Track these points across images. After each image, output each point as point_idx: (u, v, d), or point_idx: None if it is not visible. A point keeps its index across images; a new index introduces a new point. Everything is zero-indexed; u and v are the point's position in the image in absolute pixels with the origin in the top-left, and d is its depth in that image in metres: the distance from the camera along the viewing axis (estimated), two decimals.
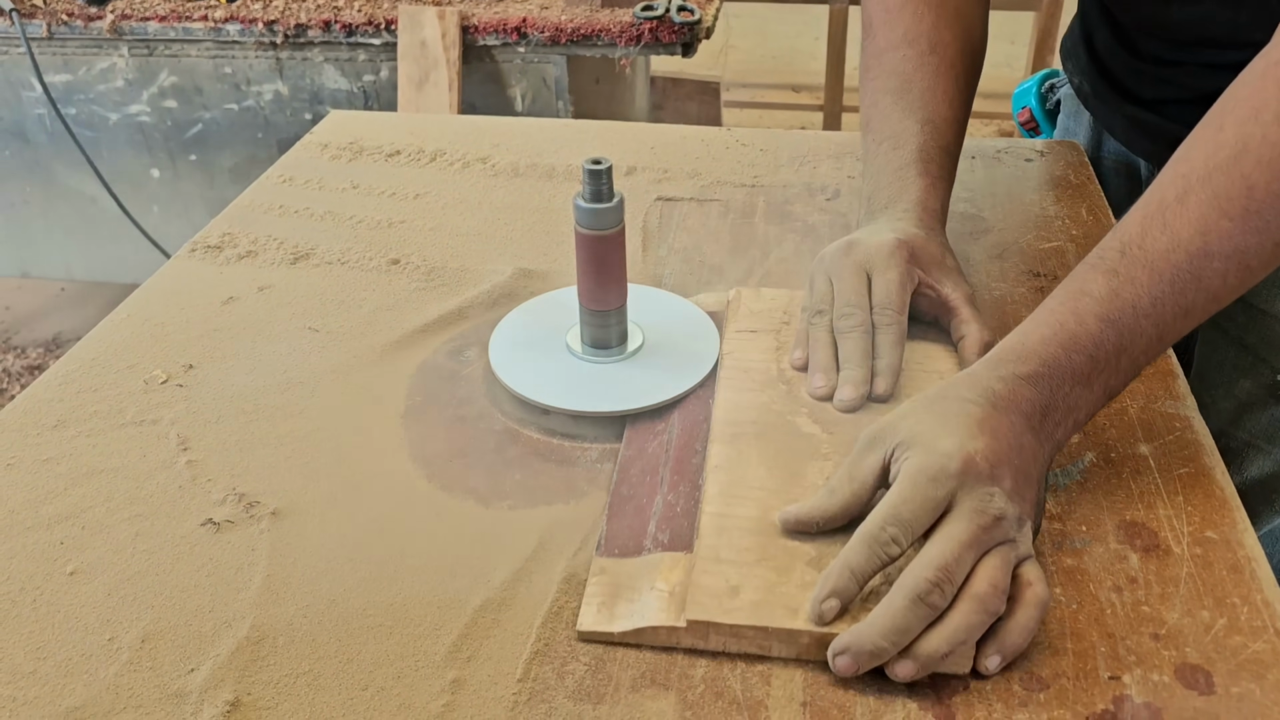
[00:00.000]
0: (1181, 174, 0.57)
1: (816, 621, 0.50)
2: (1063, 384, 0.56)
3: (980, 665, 0.50)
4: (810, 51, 3.69)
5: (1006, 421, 0.54)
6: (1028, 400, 0.55)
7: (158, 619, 0.54)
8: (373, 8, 1.84)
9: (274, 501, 0.61)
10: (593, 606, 0.53)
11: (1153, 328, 0.56)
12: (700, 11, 1.75)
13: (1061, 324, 0.57)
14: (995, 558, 0.50)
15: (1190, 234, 0.56)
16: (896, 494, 0.52)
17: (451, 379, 0.71)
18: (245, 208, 0.93)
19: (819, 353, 0.66)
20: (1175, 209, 0.57)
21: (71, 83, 1.96)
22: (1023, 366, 0.56)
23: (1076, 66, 0.96)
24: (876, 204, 0.75)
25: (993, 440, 0.53)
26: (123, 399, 0.70)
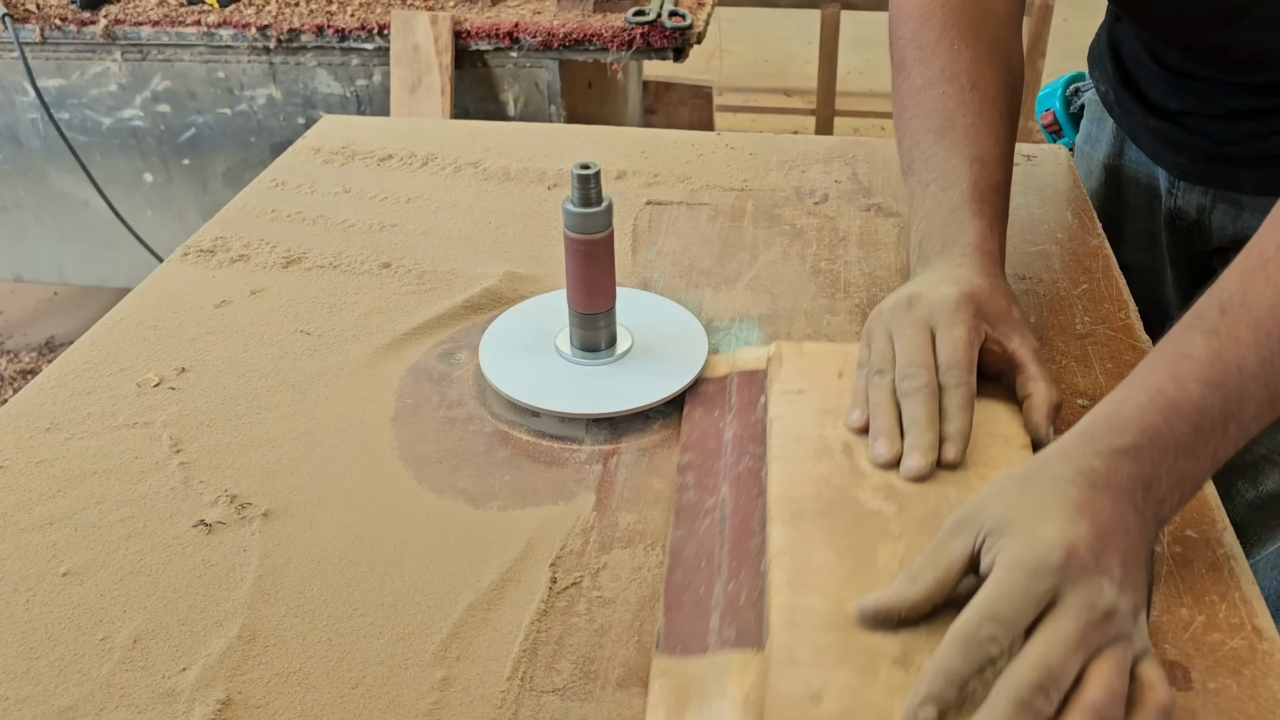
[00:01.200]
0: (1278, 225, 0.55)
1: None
2: (1165, 456, 0.51)
3: None
4: (803, 55, 3.70)
5: (1109, 502, 0.49)
6: (1129, 476, 0.50)
7: (150, 619, 0.54)
8: (365, 12, 1.84)
9: (265, 503, 0.62)
10: (660, 713, 0.48)
11: (1262, 390, 0.52)
12: (692, 16, 1.76)
13: (1160, 390, 0.52)
14: (1109, 660, 0.45)
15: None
16: (993, 588, 0.47)
17: (442, 381, 0.72)
18: (238, 212, 0.94)
19: (881, 416, 0.60)
20: (1278, 261, 0.53)
21: (65, 87, 1.96)
22: (1120, 439, 0.51)
23: (1103, 74, 0.95)
24: (930, 249, 0.70)
25: (1096, 525, 0.48)
26: (115, 402, 0.70)
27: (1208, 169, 0.83)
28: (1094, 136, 1.00)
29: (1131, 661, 0.46)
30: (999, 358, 0.65)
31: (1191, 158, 0.68)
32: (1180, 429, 0.51)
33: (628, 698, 0.50)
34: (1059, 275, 0.82)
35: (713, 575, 0.55)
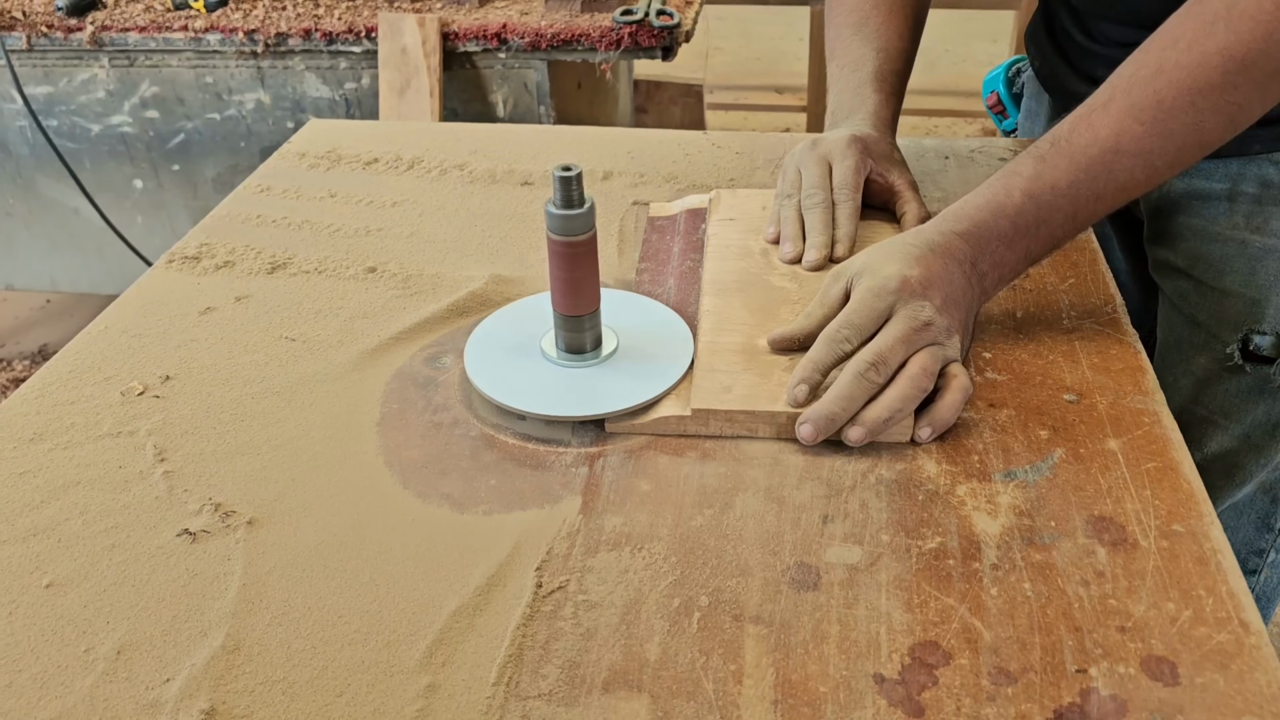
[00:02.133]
0: (1110, 85, 0.68)
1: (791, 404, 0.65)
2: (989, 242, 0.69)
3: (916, 434, 0.64)
4: (794, 53, 3.70)
5: (940, 261, 0.68)
6: (959, 250, 0.68)
7: (133, 630, 0.54)
8: (353, 15, 1.84)
9: (250, 511, 0.61)
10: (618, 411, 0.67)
11: (1068, 205, 0.68)
12: (680, 15, 1.76)
13: (993, 195, 0.70)
14: (925, 353, 0.65)
15: (1107, 134, 0.67)
16: (849, 306, 0.67)
17: (427, 386, 0.72)
18: (223, 218, 0.93)
19: (788, 226, 0.81)
20: (1099, 113, 0.68)
21: (52, 94, 1.95)
22: (958, 225, 0.69)
23: (1038, 50, 1.00)
24: (839, 116, 0.89)
25: (925, 270, 0.67)
26: (100, 411, 0.70)
27: None
28: (1034, 112, 1.05)
29: (944, 362, 0.66)
30: (882, 189, 0.85)
31: None
32: (1002, 225, 0.69)
33: (614, 702, 0.50)
34: (1046, 270, 0.82)
35: None
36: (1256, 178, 0.81)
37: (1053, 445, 0.64)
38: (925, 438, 0.64)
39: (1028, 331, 0.75)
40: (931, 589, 0.55)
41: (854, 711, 0.49)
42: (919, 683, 0.50)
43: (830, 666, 0.51)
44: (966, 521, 0.59)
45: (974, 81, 2.88)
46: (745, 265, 0.79)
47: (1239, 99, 0.65)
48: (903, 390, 0.63)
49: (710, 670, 0.51)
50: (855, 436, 0.63)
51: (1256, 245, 0.82)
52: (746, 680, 0.51)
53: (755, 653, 0.52)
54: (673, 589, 0.56)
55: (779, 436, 0.65)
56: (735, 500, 0.61)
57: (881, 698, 0.50)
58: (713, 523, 0.60)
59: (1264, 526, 0.92)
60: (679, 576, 0.56)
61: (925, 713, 0.49)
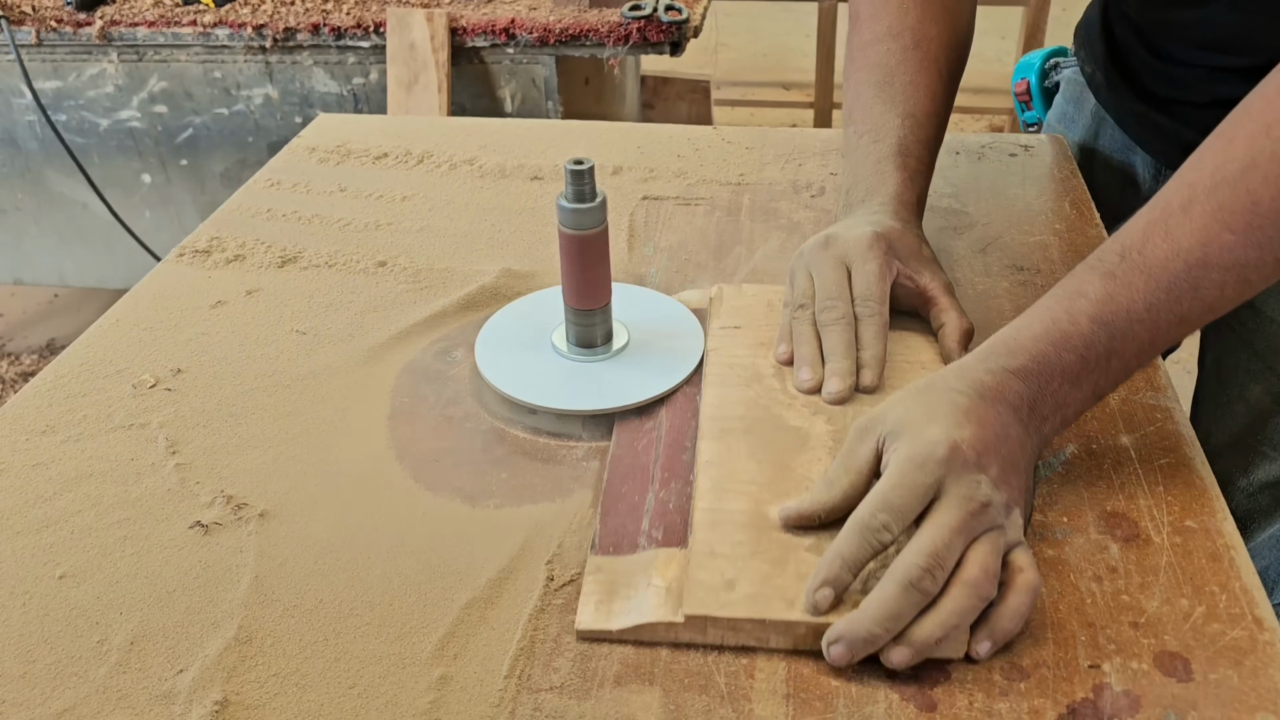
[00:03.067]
0: (1189, 183, 0.57)
1: (811, 612, 0.51)
2: (1051, 380, 0.56)
3: (972, 651, 0.51)
4: (801, 49, 3.69)
5: (993, 412, 0.55)
6: (1015, 393, 0.56)
7: (146, 621, 0.54)
8: (361, 10, 1.84)
9: (262, 503, 0.62)
10: (590, 605, 0.54)
11: (1146, 333, 0.57)
12: (688, 10, 1.76)
13: (1054, 322, 0.57)
14: (985, 544, 0.51)
15: (1191, 244, 0.56)
16: (886, 482, 0.53)
17: (438, 380, 0.72)
18: (233, 212, 0.93)
19: (804, 347, 0.67)
20: (1179, 218, 0.56)
21: (61, 89, 1.96)
22: (1012, 360, 0.57)
23: (1091, 55, 0.95)
24: (854, 197, 0.76)
25: (979, 429, 0.54)
26: (111, 403, 0.70)
27: None
28: (1070, 116, 1.01)
29: (1005, 549, 0.52)
30: (912, 293, 0.70)
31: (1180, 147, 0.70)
32: (1068, 359, 0.57)
33: (626, 695, 0.50)
34: (1057, 266, 0.81)
35: (646, 485, 0.61)
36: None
37: (1064, 441, 0.64)
38: (985, 654, 0.50)
39: None
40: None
41: (866, 705, 0.49)
42: (931, 677, 0.50)
43: None
44: None
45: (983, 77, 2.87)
46: (753, 395, 0.65)
47: None
48: (960, 603, 0.50)
49: (722, 663, 0.51)
50: (900, 660, 0.49)
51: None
52: (758, 673, 0.51)
53: (767, 646, 0.52)
54: None
55: (796, 649, 0.52)
56: None
57: (894, 692, 0.50)
58: None
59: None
60: None
61: (938, 707, 0.49)
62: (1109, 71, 0.92)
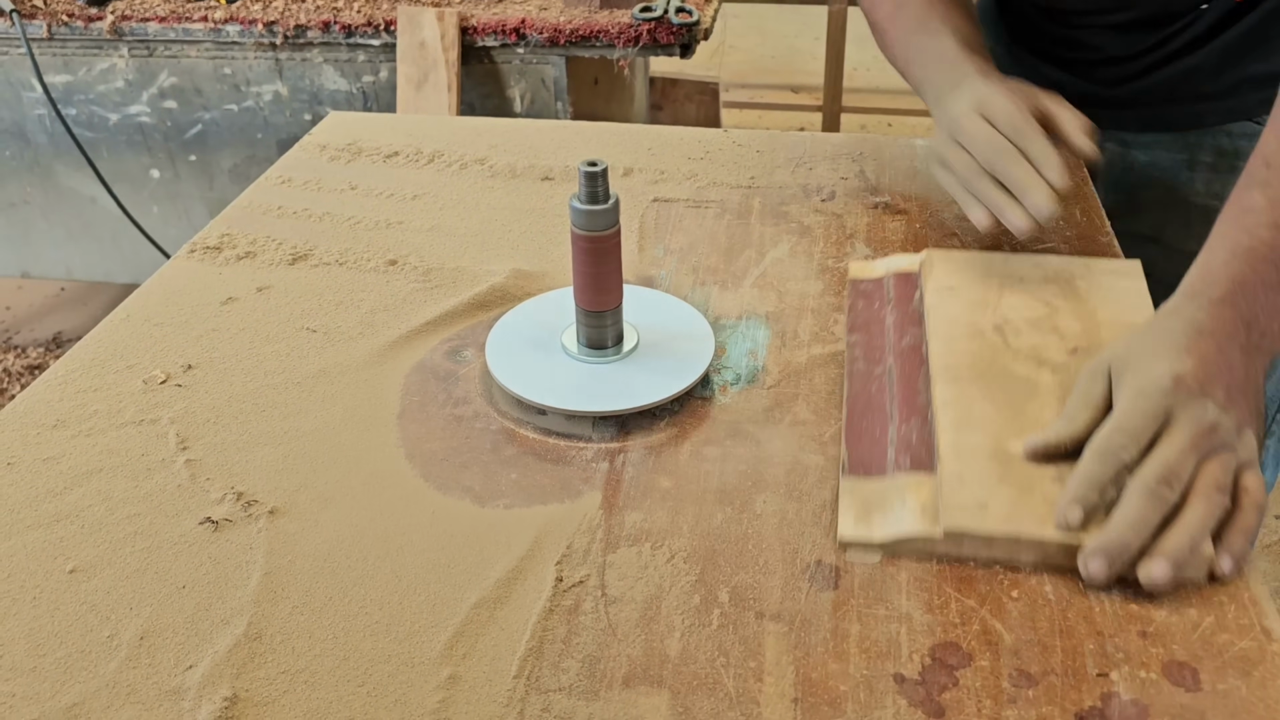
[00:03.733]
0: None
1: (1062, 527, 0.55)
2: (1257, 296, 0.61)
3: (1217, 569, 0.54)
4: (810, 51, 3.69)
5: (1212, 344, 0.59)
6: (1229, 320, 0.60)
7: (156, 616, 0.54)
8: (372, 9, 1.84)
9: (272, 500, 0.62)
10: (850, 517, 0.59)
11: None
12: (699, 12, 1.76)
13: (1237, 243, 0.62)
14: (1217, 461, 0.56)
15: None
16: (1119, 410, 0.58)
17: (448, 379, 0.72)
18: (244, 209, 0.94)
19: (998, 198, 0.72)
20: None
21: (72, 83, 1.96)
22: (1215, 290, 0.61)
23: (990, 34, 1.01)
24: (945, 98, 0.80)
25: (1201, 361, 0.58)
26: (122, 399, 0.70)
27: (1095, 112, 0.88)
28: None
29: (1236, 468, 0.57)
30: (1039, 119, 0.74)
31: (1081, 103, 0.79)
32: (1263, 270, 0.61)
33: (634, 697, 0.50)
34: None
35: (885, 421, 0.66)
36: (1212, 147, 0.86)
37: None
38: (1230, 570, 0.54)
39: None
40: (952, 590, 0.55)
41: (874, 711, 0.49)
42: (939, 683, 0.50)
43: (851, 665, 0.51)
44: None
45: None
46: (977, 348, 0.68)
47: None
48: (1201, 510, 0.54)
49: (730, 667, 0.51)
50: (1159, 574, 0.53)
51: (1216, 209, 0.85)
52: (767, 677, 0.51)
53: (775, 650, 0.52)
54: (693, 585, 0.56)
55: (1046, 565, 0.56)
56: (756, 498, 0.61)
57: (902, 698, 0.50)
58: (733, 520, 0.60)
59: None
60: (699, 573, 0.56)
61: (946, 713, 0.49)
62: (1010, 43, 0.98)
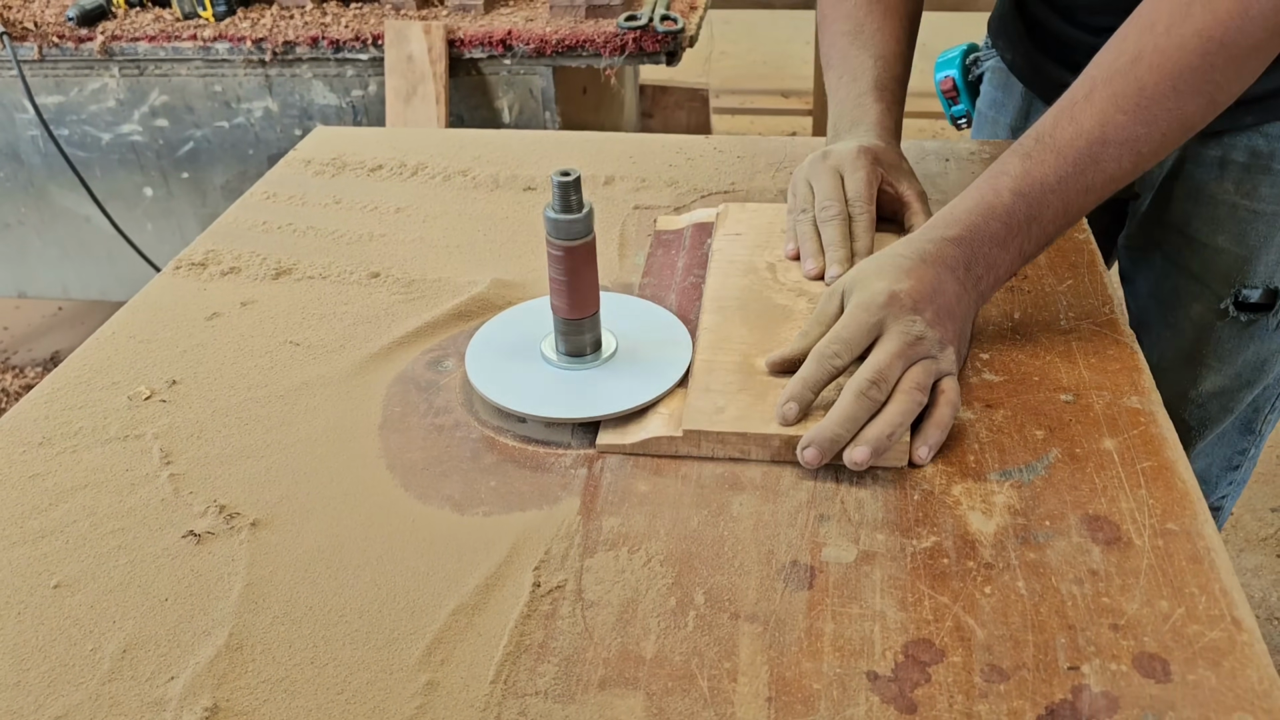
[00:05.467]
0: (1090, 77, 0.69)
1: (781, 423, 0.64)
2: (982, 245, 0.69)
3: (914, 457, 0.63)
4: (800, 56, 3.70)
5: (931, 271, 0.67)
6: (951, 256, 0.68)
7: (139, 629, 0.55)
8: (359, 23, 1.85)
9: (254, 512, 0.62)
10: (609, 430, 0.66)
11: (1059, 202, 0.69)
12: (684, 20, 1.77)
13: (982, 197, 0.70)
14: (919, 367, 0.65)
15: (1091, 125, 0.67)
16: (840, 322, 0.66)
17: (430, 389, 0.72)
18: (229, 225, 0.94)
19: (808, 242, 0.80)
20: (1082, 105, 0.68)
21: (64, 104, 1.97)
22: (949, 230, 0.69)
23: (1008, 42, 1.04)
24: (840, 127, 0.88)
25: (916, 283, 0.66)
26: (107, 415, 0.71)
27: None
28: (1000, 102, 1.09)
29: (937, 375, 0.65)
30: (892, 199, 0.83)
31: None
32: (994, 226, 0.69)
33: (610, 699, 0.50)
34: (1044, 272, 0.82)
35: None
36: (1246, 148, 0.88)
37: (1048, 445, 0.65)
38: (924, 457, 0.63)
39: (1025, 332, 0.75)
40: (926, 588, 0.56)
41: (847, 708, 0.50)
42: (912, 680, 0.51)
43: (824, 664, 0.52)
44: (961, 521, 0.60)
45: None
46: (749, 282, 0.78)
47: (1218, 79, 0.65)
48: (901, 405, 0.63)
49: (705, 668, 0.52)
50: (859, 457, 0.61)
51: (1245, 209, 0.89)
52: (741, 677, 0.51)
53: (750, 650, 0.53)
54: (669, 588, 0.56)
55: (773, 459, 0.64)
56: (732, 500, 0.62)
57: (874, 694, 0.50)
58: (709, 522, 0.60)
59: (1246, 430, 1.03)
60: (675, 575, 0.57)
61: (918, 709, 0.49)
62: (1031, 54, 1.00)
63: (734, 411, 0.65)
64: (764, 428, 0.63)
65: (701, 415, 0.65)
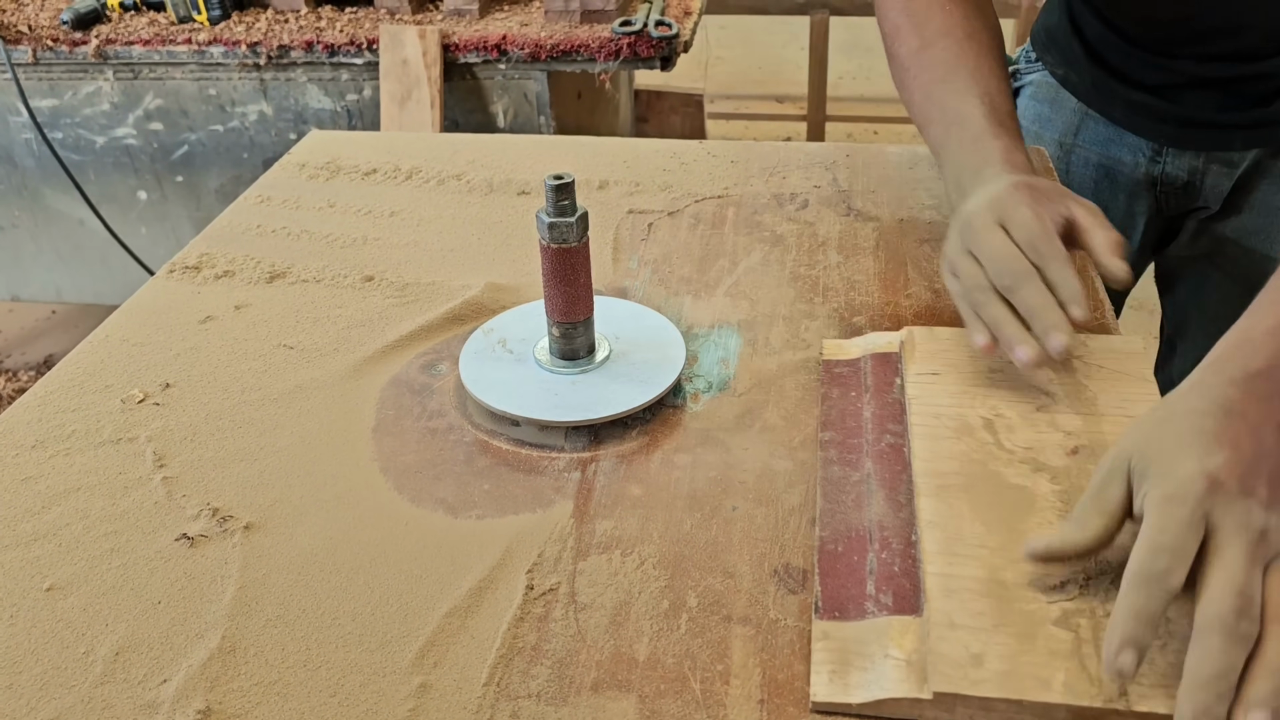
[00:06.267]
0: None
1: (1115, 678, 0.46)
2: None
3: None
4: (796, 61, 3.71)
5: (1246, 428, 0.51)
6: (1265, 398, 0.52)
7: (132, 632, 0.55)
8: (354, 28, 1.86)
9: (247, 515, 0.62)
10: (823, 675, 0.51)
11: None
12: (678, 25, 1.77)
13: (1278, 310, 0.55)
14: (1276, 574, 0.47)
15: None
16: (1150, 526, 0.48)
17: (423, 392, 0.73)
18: (224, 228, 0.94)
19: (1005, 327, 0.63)
20: None
21: (58, 107, 1.97)
22: (1253, 362, 0.53)
23: (1061, 58, 1.01)
24: (965, 181, 0.74)
25: (1235, 452, 0.50)
26: (100, 418, 0.71)
27: (1196, 135, 0.89)
28: (1045, 117, 1.06)
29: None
30: (1061, 227, 0.66)
31: (1179, 125, 0.80)
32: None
33: (602, 701, 0.51)
34: None
35: (864, 545, 0.58)
36: None
37: None
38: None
39: None
40: None
41: (841, 712, 0.50)
42: None
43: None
44: None
45: None
46: (966, 449, 0.61)
47: None
48: None
49: (698, 670, 0.52)
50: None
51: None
52: (734, 680, 0.51)
53: (742, 653, 0.53)
54: (662, 591, 0.56)
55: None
56: (725, 503, 0.62)
57: None
58: (702, 525, 0.61)
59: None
60: (668, 578, 0.57)
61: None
62: (1090, 69, 0.96)
63: (996, 664, 0.48)
64: (1043, 693, 0.47)
65: (955, 670, 0.48)
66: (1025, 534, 0.54)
